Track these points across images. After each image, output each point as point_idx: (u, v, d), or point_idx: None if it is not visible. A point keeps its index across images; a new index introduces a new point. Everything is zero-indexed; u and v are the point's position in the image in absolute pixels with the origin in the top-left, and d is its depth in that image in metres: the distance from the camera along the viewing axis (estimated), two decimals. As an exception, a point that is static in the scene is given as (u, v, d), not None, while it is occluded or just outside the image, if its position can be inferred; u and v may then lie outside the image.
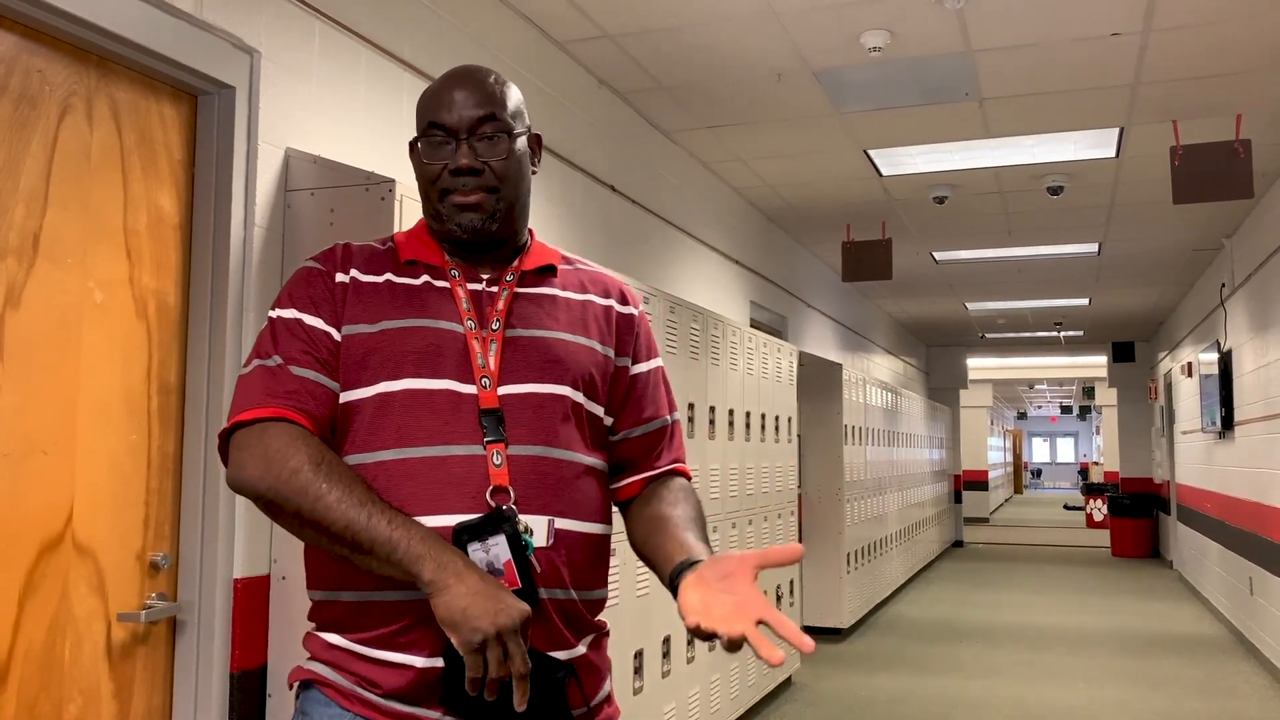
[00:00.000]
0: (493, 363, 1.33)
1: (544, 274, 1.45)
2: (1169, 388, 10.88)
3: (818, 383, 6.99)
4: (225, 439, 1.30)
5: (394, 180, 2.34)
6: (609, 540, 1.42)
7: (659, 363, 1.54)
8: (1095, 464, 28.09)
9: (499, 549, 1.24)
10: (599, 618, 1.40)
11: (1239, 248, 7.08)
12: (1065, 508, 22.66)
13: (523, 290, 1.41)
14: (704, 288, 5.55)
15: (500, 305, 1.38)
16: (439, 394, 1.30)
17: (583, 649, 1.34)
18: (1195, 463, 9.13)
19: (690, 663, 4.00)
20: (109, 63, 2.11)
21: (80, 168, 2.03)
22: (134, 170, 2.15)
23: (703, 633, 1.14)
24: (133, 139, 2.16)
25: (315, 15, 2.62)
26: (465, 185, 1.35)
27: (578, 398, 1.38)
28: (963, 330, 13.11)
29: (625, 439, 1.47)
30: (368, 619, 1.27)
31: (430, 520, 1.24)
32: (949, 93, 4.48)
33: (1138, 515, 12.73)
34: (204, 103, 2.33)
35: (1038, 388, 25.15)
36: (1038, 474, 40.79)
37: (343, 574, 1.27)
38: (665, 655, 3.76)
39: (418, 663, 1.24)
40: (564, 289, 1.45)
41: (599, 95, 4.32)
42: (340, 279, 1.37)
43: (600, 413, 1.43)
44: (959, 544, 14.12)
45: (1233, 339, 7.23)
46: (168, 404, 2.23)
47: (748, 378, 4.89)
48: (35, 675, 1.92)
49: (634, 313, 1.51)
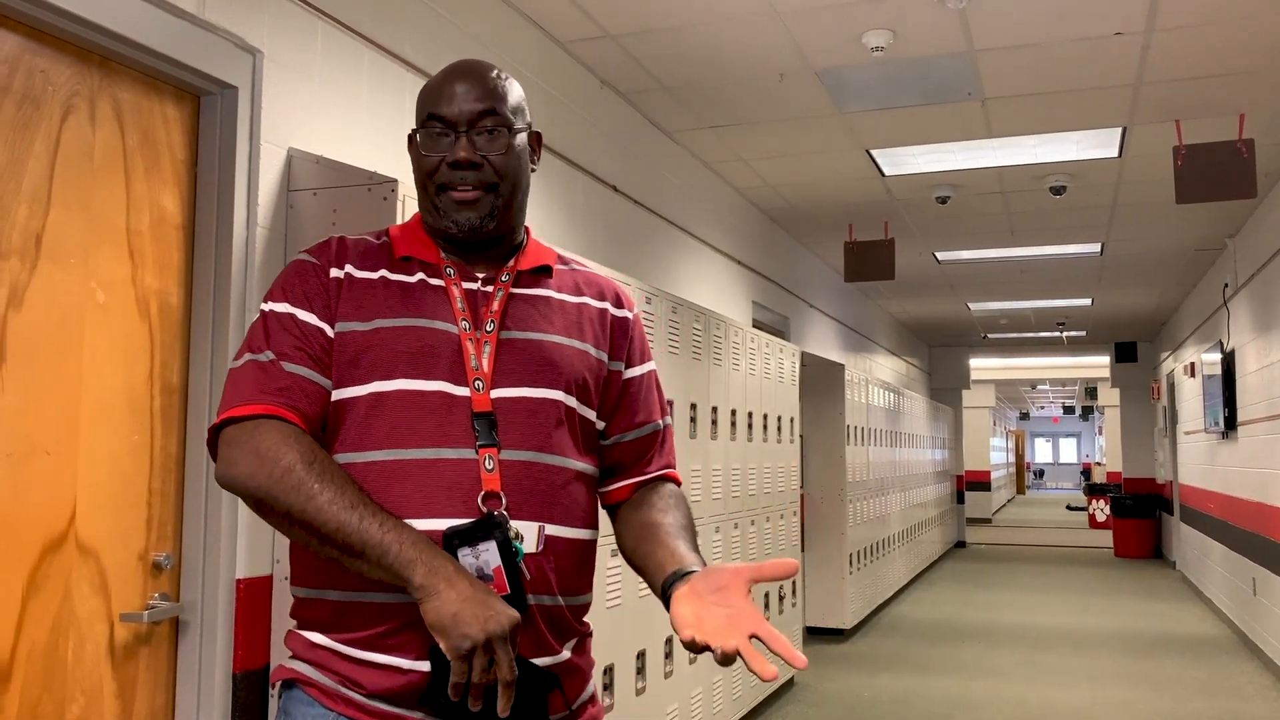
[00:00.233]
0: (486, 365, 1.32)
1: (539, 274, 1.43)
2: (1172, 388, 10.86)
3: (820, 383, 6.99)
4: (215, 434, 1.29)
5: (396, 180, 2.34)
6: (595, 545, 1.41)
7: (652, 366, 1.53)
8: (1098, 464, 28.09)
9: (489, 555, 1.23)
10: (583, 620, 1.40)
11: (1242, 248, 7.07)
12: (1068, 508, 22.61)
13: (518, 291, 1.39)
14: (706, 288, 5.55)
15: (495, 306, 1.36)
16: (432, 395, 1.29)
17: (567, 654, 1.33)
18: (1198, 463, 9.12)
19: (693, 663, 3.99)
20: (112, 63, 2.11)
21: (83, 168, 2.03)
22: (136, 170, 2.15)
23: (696, 646, 1.14)
24: (135, 139, 2.16)
25: (318, 15, 2.62)
26: (463, 180, 1.34)
27: (571, 402, 1.37)
28: (965, 330, 13.10)
29: (617, 443, 1.46)
30: (354, 619, 1.26)
31: (420, 524, 1.23)
32: (951, 92, 4.48)
33: (1140, 516, 12.72)
34: (207, 103, 2.33)
35: (1040, 388, 25.13)
36: (1040, 474, 40.74)
37: (331, 572, 1.26)
38: (668, 656, 3.75)
39: (404, 665, 1.23)
40: (559, 290, 1.44)
41: (601, 95, 4.32)
42: (335, 274, 1.35)
43: (593, 417, 1.42)
44: (961, 545, 14.11)
45: (1235, 339, 7.22)
46: (170, 404, 2.23)
47: (750, 378, 4.89)
48: (38, 675, 1.92)
49: (629, 316, 1.49)
